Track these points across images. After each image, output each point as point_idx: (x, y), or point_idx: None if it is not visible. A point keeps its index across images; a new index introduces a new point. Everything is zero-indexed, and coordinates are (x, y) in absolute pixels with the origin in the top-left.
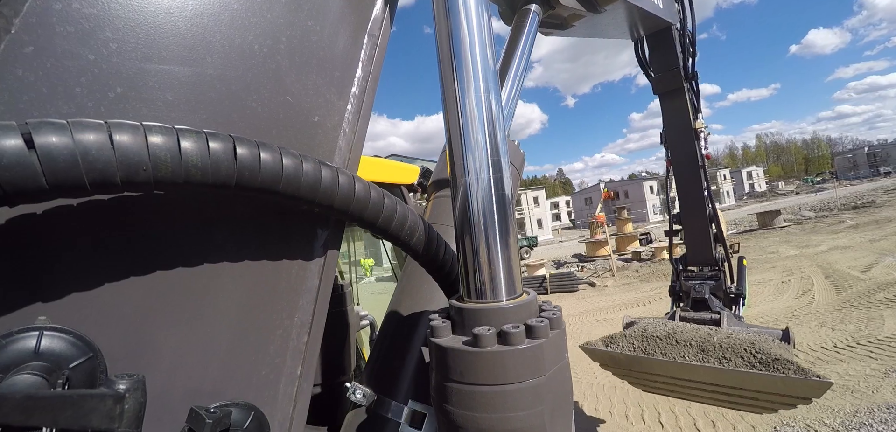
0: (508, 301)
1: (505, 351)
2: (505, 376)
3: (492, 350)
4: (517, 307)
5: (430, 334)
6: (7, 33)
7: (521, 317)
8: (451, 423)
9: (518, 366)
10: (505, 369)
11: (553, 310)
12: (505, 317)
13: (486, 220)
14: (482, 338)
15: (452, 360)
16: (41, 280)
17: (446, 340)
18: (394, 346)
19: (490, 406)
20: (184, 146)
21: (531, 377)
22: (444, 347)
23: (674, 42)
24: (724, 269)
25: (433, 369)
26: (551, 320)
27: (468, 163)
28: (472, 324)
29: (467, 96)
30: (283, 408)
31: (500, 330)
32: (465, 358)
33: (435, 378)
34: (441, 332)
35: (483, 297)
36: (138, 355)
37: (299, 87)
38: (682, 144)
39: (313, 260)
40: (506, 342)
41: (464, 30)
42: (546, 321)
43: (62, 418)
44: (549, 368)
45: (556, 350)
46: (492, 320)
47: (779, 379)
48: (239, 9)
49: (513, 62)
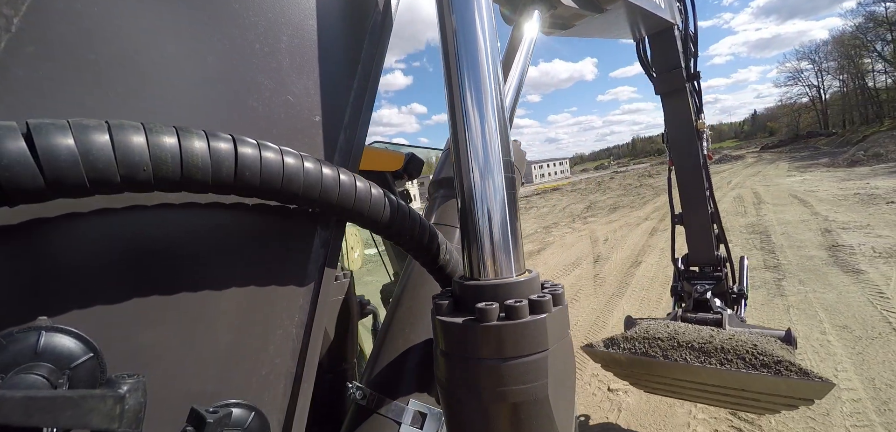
0: (511, 277)
1: (508, 324)
2: (508, 350)
3: (496, 324)
4: (520, 283)
5: (433, 312)
6: (7, 33)
7: (524, 292)
8: (455, 399)
9: (522, 340)
10: (509, 343)
11: (555, 287)
12: (508, 292)
13: (489, 202)
14: (486, 312)
15: (456, 335)
16: (41, 280)
17: (450, 316)
18: (394, 346)
19: (494, 379)
20: (184, 146)
21: (534, 351)
22: (448, 323)
23: (675, 42)
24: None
25: (437, 347)
26: (554, 296)
27: (473, 160)
28: (475, 300)
29: (472, 93)
30: (283, 408)
31: (503, 304)
32: (469, 332)
33: (439, 356)
34: (445, 310)
35: (486, 275)
36: (138, 355)
37: (300, 86)
38: (684, 144)
39: (314, 259)
40: (510, 316)
41: (467, 28)
42: (549, 296)
43: (62, 418)
44: (553, 343)
45: (559, 325)
46: (495, 295)
47: (781, 380)
48: (239, 8)
49: (514, 62)
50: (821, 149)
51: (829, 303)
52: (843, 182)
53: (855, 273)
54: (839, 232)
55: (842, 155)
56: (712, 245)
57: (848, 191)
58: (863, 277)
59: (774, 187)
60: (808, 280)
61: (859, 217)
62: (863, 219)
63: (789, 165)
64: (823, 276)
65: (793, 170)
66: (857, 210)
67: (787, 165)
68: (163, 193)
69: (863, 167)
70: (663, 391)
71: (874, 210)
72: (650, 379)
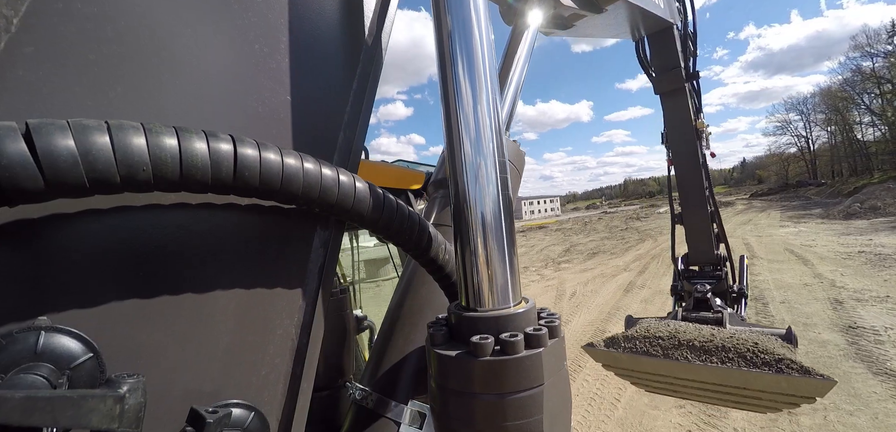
0: (506, 308)
1: (503, 360)
2: (503, 385)
3: (490, 359)
4: (515, 315)
5: (428, 342)
6: (7, 33)
7: (520, 325)
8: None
9: (516, 375)
10: (503, 378)
11: (552, 318)
12: (503, 325)
13: (484, 224)
14: (480, 347)
15: (451, 369)
16: (41, 280)
17: (445, 348)
18: (394, 346)
19: (489, 415)
20: (184, 146)
21: (530, 386)
22: (442, 356)
23: (675, 42)
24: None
25: (432, 377)
26: (550, 328)
27: (467, 163)
28: (470, 332)
29: (466, 95)
30: (282, 409)
31: (498, 338)
32: (464, 366)
33: (434, 386)
34: (439, 340)
35: (481, 305)
36: (138, 355)
37: (300, 86)
38: (684, 144)
39: (313, 260)
40: (504, 351)
41: (463, 28)
42: (545, 329)
43: (62, 418)
44: (548, 377)
45: (555, 358)
46: (490, 328)
47: (782, 378)
48: (239, 9)
49: (514, 62)
50: (812, 198)
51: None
52: (843, 236)
53: (891, 378)
54: (853, 305)
55: (835, 206)
56: (712, 244)
57: (850, 249)
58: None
59: (768, 238)
60: None
61: (873, 284)
62: (878, 288)
63: (781, 215)
64: (845, 379)
65: (785, 221)
66: (868, 274)
67: (779, 215)
68: (163, 194)
69: (860, 220)
70: (664, 390)
71: (890, 275)
72: (651, 377)
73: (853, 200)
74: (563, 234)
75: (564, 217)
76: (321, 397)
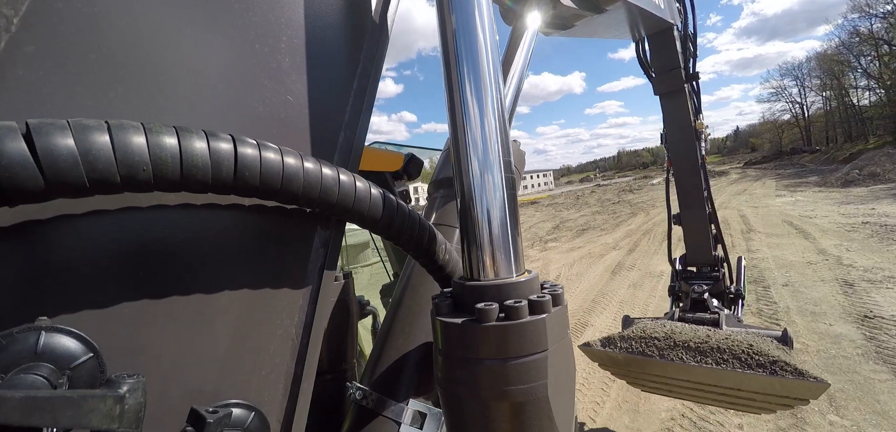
0: (510, 278)
1: (507, 325)
2: (508, 350)
3: (495, 324)
4: (519, 284)
5: (433, 312)
6: (7, 33)
7: (524, 293)
8: (455, 400)
9: (520, 340)
10: (508, 343)
11: (555, 287)
12: (507, 292)
13: (489, 202)
14: (485, 313)
15: (456, 335)
16: (41, 280)
17: (450, 317)
18: (394, 345)
19: (494, 380)
20: (184, 146)
21: (534, 351)
22: (447, 323)
23: (675, 43)
24: (724, 270)
25: (437, 347)
26: (553, 296)
27: (473, 160)
28: (474, 300)
29: (472, 93)
30: (283, 408)
31: (503, 304)
32: (469, 333)
33: (438, 355)
34: (444, 310)
35: (486, 276)
36: (138, 355)
37: (300, 86)
38: (683, 144)
39: (314, 260)
40: (509, 316)
41: (467, 27)
42: (548, 296)
43: (62, 418)
44: (552, 343)
45: (559, 325)
46: (495, 296)
47: (776, 380)
48: (239, 9)
49: (514, 62)
50: (807, 166)
51: None
52: (843, 205)
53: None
54: (866, 288)
55: (832, 173)
56: (710, 245)
57: (853, 220)
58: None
59: (764, 209)
60: (846, 404)
61: (884, 262)
62: (891, 266)
63: (776, 183)
64: (867, 389)
65: (781, 190)
66: (877, 249)
67: (775, 183)
68: (163, 193)
69: (859, 188)
70: (659, 390)
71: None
72: (647, 378)
73: (851, 167)
74: (554, 210)
75: (557, 191)
76: (324, 381)
